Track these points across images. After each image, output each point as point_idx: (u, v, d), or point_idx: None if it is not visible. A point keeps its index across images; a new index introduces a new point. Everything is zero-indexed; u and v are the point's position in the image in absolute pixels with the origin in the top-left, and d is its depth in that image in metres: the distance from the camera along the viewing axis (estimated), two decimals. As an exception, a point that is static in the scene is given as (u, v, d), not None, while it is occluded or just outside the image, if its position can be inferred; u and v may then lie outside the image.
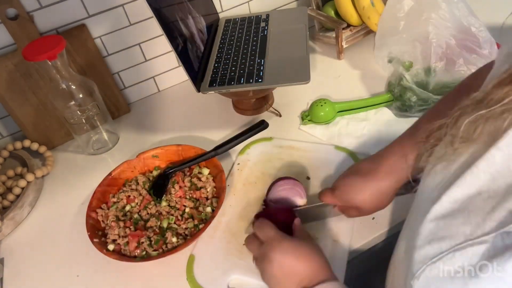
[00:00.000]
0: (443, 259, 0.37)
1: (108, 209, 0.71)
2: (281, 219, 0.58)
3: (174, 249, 0.62)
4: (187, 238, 0.65)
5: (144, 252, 0.64)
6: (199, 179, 0.74)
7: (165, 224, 0.67)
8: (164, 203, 0.70)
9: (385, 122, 0.80)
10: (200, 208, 0.69)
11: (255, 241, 0.55)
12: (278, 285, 0.51)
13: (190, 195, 0.71)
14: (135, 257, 0.64)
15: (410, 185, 0.56)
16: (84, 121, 0.82)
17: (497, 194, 0.36)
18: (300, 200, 0.64)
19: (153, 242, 0.64)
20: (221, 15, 0.99)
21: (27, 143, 0.87)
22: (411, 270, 0.39)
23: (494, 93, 0.36)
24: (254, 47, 0.84)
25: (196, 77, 0.76)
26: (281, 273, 0.50)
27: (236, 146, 0.75)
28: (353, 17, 0.96)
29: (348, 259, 0.60)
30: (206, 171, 0.74)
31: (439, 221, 0.39)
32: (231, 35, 0.90)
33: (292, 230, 0.57)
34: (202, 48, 0.83)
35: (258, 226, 0.56)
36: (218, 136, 0.85)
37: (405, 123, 0.78)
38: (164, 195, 0.72)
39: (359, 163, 0.59)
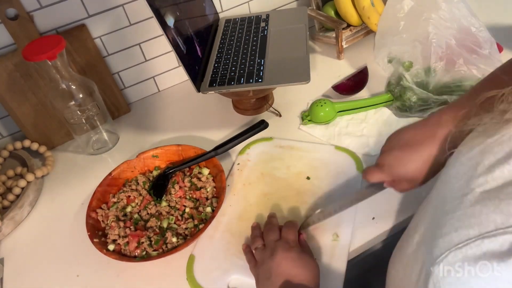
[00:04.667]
0: (471, 245, 0.35)
1: (108, 209, 0.71)
2: None
3: (174, 249, 0.62)
4: (187, 238, 0.65)
5: (144, 252, 0.64)
6: (199, 179, 0.74)
7: (165, 224, 0.67)
8: (164, 203, 0.70)
9: (385, 122, 0.80)
10: (200, 208, 0.69)
11: (259, 241, 0.59)
12: (267, 280, 0.54)
13: (190, 195, 0.71)
14: (135, 257, 0.64)
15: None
16: (84, 121, 0.82)
17: None
18: None
19: (153, 242, 0.64)
20: (221, 15, 0.99)
21: (27, 143, 0.87)
22: (431, 257, 0.38)
23: None
24: (254, 47, 0.84)
25: (196, 77, 0.76)
26: (276, 271, 0.53)
27: (236, 146, 0.75)
28: (353, 17, 0.96)
29: (348, 259, 0.60)
30: (206, 171, 0.74)
31: (467, 209, 0.38)
32: (231, 35, 0.90)
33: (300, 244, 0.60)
34: (202, 48, 0.83)
35: (268, 229, 0.61)
36: (218, 136, 0.85)
37: (405, 123, 0.79)
38: (164, 195, 0.72)
39: (403, 134, 0.56)
